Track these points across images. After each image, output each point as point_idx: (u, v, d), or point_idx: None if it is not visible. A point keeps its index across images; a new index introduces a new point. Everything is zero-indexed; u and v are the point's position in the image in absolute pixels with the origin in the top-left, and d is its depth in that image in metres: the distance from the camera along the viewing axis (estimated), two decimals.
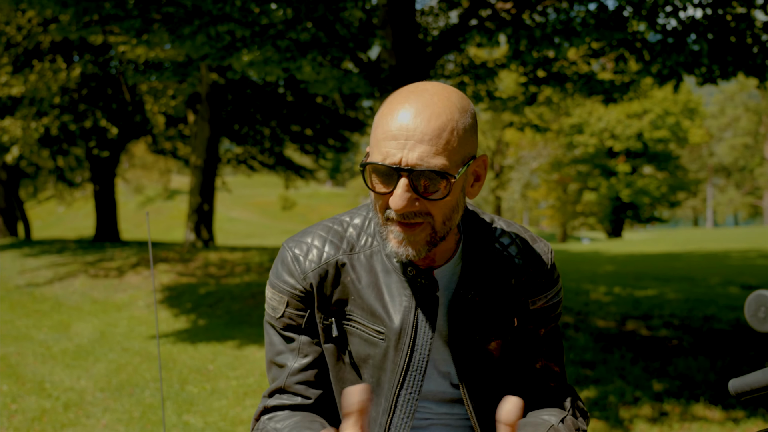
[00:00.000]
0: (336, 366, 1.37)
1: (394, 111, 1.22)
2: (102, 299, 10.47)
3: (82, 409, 5.09)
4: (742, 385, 1.40)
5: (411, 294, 1.32)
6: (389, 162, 1.18)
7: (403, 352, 1.31)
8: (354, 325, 1.34)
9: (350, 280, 1.34)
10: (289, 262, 1.36)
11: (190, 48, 8.53)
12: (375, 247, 1.36)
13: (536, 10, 8.67)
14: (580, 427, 1.35)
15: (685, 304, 8.81)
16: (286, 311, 1.35)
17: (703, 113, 40.84)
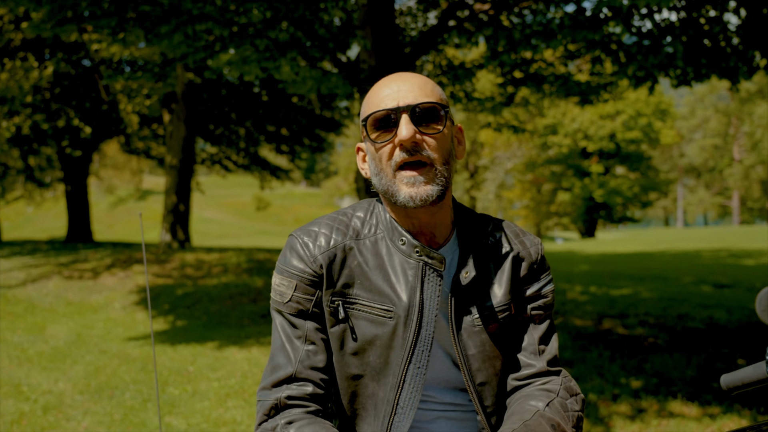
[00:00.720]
0: (340, 353, 1.40)
1: (383, 82, 1.40)
2: (77, 301, 10.34)
3: (61, 411, 5.04)
4: (734, 380, 1.44)
5: (416, 273, 1.38)
6: (389, 107, 1.34)
7: (411, 327, 1.36)
8: (359, 308, 1.39)
9: (357, 264, 1.39)
10: (299, 248, 1.41)
11: (167, 47, 8.46)
12: (379, 234, 1.43)
13: (513, 12, 8.75)
14: (570, 407, 1.39)
15: (660, 303, 8.94)
16: (294, 295, 1.39)
17: (674, 114, 41.45)
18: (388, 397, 1.37)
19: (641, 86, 8.05)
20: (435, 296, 1.38)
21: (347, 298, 1.39)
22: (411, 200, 1.33)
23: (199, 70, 14.09)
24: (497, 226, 1.51)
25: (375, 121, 1.35)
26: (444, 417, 1.44)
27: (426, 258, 1.38)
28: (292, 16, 7.49)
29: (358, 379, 1.40)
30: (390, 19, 8.69)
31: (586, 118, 38.11)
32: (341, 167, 58.66)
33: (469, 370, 1.41)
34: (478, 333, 1.41)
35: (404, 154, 1.33)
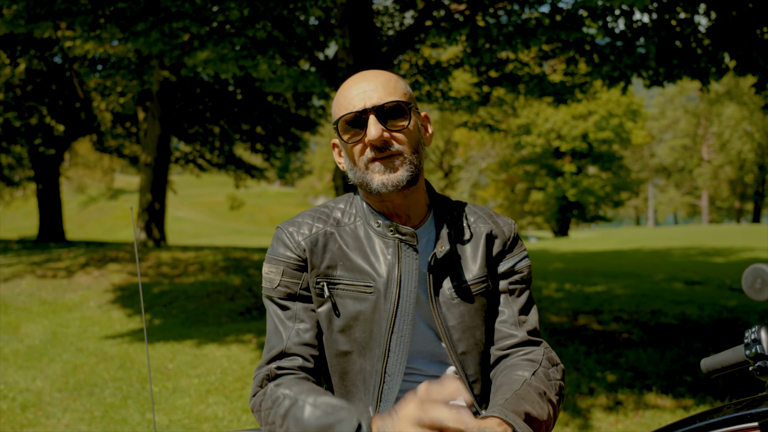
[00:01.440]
0: (328, 329, 1.48)
1: (349, 83, 1.47)
2: (51, 300, 10.23)
3: (40, 409, 5.01)
4: (713, 363, 1.52)
5: (393, 251, 1.47)
6: (357, 108, 1.42)
7: (391, 299, 1.44)
8: (342, 287, 1.48)
9: (338, 247, 1.49)
10: (284, 237, 1.51)
11: (143, 44, 8.42)
12: (358, 221, 1.53)
13: (488, 12, 8.85)
14: (553, 376, 1.46)
15: (633, 299, 9.10)
16: (282, 280, 1.48)
17: (644, 115, 42.02)
18: (375, 368, 1.45)
19: (615, 86, 8.18)
20: (412, 269, 1.47)
21: (331, 279, 1.48)
22: (383, 186, 1.43)
23: (174, 67, 14.00)
24: (471, 208, 1.62)
25: (345, 122, 1.44)
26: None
27: (399, 235, 1.47)
28: (271, 14, 7.50)
29: (347, 355, 1.47)
30: (368, 19, 8.73)
31: (559, 118, 38.48)
32: (316, 166, 58.56)
33: (451, 340, 1.49)
34: (457, 305, 1.49)
35: (374, 152, 1.42)
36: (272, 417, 1.37)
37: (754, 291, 0.90)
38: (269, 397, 1.40)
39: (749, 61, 7.06)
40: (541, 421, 1.36)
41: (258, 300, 9.33)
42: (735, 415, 1.17)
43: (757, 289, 0.89)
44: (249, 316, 8.58)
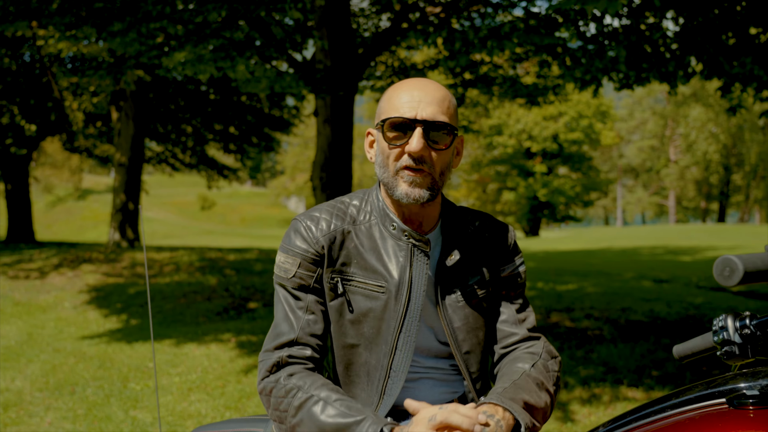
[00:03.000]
0: (338, 323, 1.57)
1: (403, 86, 1.53)
2: (25, 301, 10.16)
3: (23, 408, 5.03)
4: (684, 349, 1.66)
5: (405, 254, 1.56)
6: (408, 116, 1.48)
7: (402, 301, 1.54)
8: (356, 284, 1.56)
9: (354, 246, 1.57)
10: (303, 231, 1.58)
11: (119, 44, 8.42)
12: (373, 220, 1.61)
13: (463, 16, 9.00)
14: (551, 368, 1.59)
15: (603, 297, 9.32)
16: (298, 272, 1.56)
17: (613, 116, 42.65)
18: (381, 363, 1.54)
19: (586, 89, 8.38)
20: (423, 274, 1.56)
21: (345, 275, 1.56)
22: (406, 197, 1.51)
23: (148, 67, 13.95)
24: (476, 216, 1.71)
25: (392, 125, 1.51)
26: (426, 377, 1.61)
27: (414, 241, 1.56)
28: (250, 16, 7.56)
29: (353, 348, 1.57)
30: (345, 21, 8.83)
31: (530, 119, 38.89)
32: (288, 166, 58.33)
33: (456, 341, 1.59)
34: (462, 308, 1.60)
35: (410, 161, 1.50)
36: (284, 406, 1.47)
37: (723, 278, 1.03)
38: (282, 386, 1.49)
39: (715, 65, 7.30)
40: (539, 408, 1.48)
41: (235, 300, 9.37)
42: (704, 392, 1.30)
43: (726, 276, 1.02)
44: (226, 316, 8.62)
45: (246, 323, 8.04)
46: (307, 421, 1.43)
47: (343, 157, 9.17)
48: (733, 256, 1.01)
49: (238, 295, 9.56)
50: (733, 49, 6.93)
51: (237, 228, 50.23)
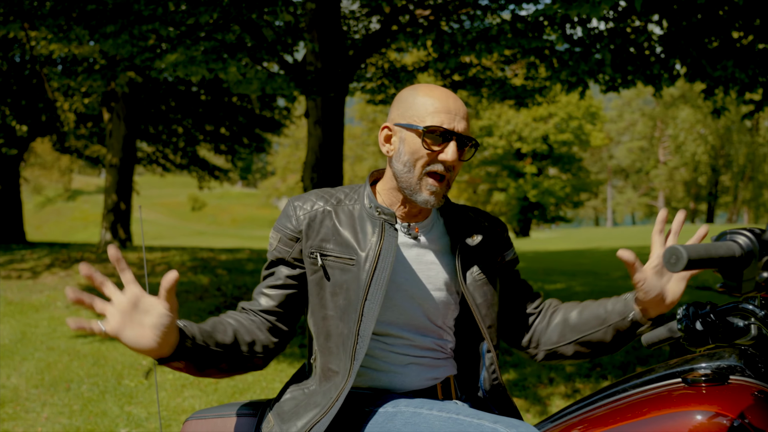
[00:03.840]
0: (318, 295, 1.70)
1: (437, 95, 1.69)
2: (17, 300, 10.21)
3: (19, 404, 5.11)
4: (652, 337, 1.78)
5: (378, 232, 1.69)
6: (448, 127, 1.64)
7: (368, 270, 1.65)
8: (332, 259, 1.69)
9: (333, 224, 1.71)
10: (290, 210, 1.74)
11: (111, 46, 8.51)
12: (356, 203, 1.75)
13: (452, 18, 9.14)
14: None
15: (591, 296, 9.47)
16: (278, 246, 1.73)
17: (603, 118, 42.93)
18: (351, 331, 1.65)
19: (573, 91, 8.52)
20: (392, 246, 1.67)
21: (323, 251, 1.70)
22: (427, 203, 1.67)
23: (141, 69, 14.03)
24: (469, 208, 1.87)
25: (432, 131, 1.64)
26: (415, 363, 1.71)
27: (383, 216, 1.70)
28: (242, 19, 7.66)
29: (331, 319, 1.68)
30: (336, 24, 8.94)
31: (520, 120, 39.11)
32: (278, 167, 58.34)
33: (480, 315, 1.73)
34: (481, 285, 1.74)
35: (440, 167, 1.65)
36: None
37: (670, 265, 1.15)
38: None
39: (698, 68, 7.46)
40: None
41: (227, 299, 9.46)
42: (664, 373, 1.42)
43: (673, 263, 1.14)
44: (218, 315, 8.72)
45: None
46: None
47: (333, 158, 9.29)
48: (679, 245, 1.13)
49: (230, 295, 9.65)
50: (716, 52, 7.09)
51: (228, 229, 50.22)
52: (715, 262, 1.17)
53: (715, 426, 1.26)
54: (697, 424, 1.27)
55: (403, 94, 1.74)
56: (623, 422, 1.35)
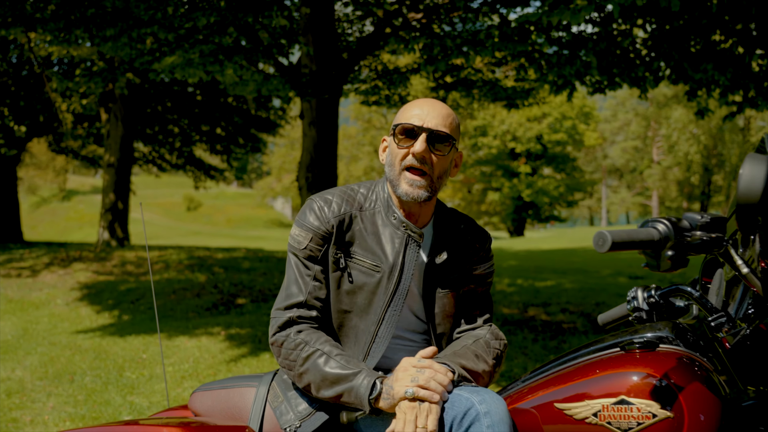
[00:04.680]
0: (336, 292, 1.88)
1: (416, 103, 1.88)
2: (17, 298, 10.41)
3: (25, 395, 5.32)
4: (606, 317, 2.02)
5: (401, 242, 1.88)
6: (417, 123, 1.82)
7: (393, 280, 1.86)
8: (356, 261, 1.87)
9: (359, 228, 1.88)
10: (316, 210, 1.88)
11: (111, 49, 8.70)
12: (377, 209, 1.92)
13: (444, 21, 9.36)
14: (492, 345, 1.91)
15: (580, 293, 9.71)
16: (309, 245, 1.87)
17: (596, 118, 43.21)
18: (369, 330, 1.86)
19: (561, 92, 8.74)
20: (413, 260, 1.88)
21: (347, 252, 1.88)
22: (406, 195, 1.84)
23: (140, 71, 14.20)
24: (462, 219, 2.03)
25: (402, 129, 1.84)
26: (404, 350, 1.94)
27: (410, 232, 1.89)
28: (238, 23, 7.87)
29: (347, 313, 1.89)
30: (330, 27, 9.17)
31: (514, 120, 39.34)
32: (274, 167, 58.40)
33: (433, 325, 1.93)
34: (442, 298, 1.93)
35: (414, 161, 1.83)
36: (293, 357, 1.81)
37: (598, 246, 1.37)
38: (292, 340, 1.82)
39: (681, 71, 7.69)
40: (476, 372, 1.82)
41: (224, 296, 9.67)
42: (607, 343, 1.65)
43: (600, 245, 1.36)
44: (216, 312, 8.92)
45: (235, 318, 8.35)
46: (313, 371, 1.77)
47: (328, 158, 9.51)
48: (605, 230, 1.36)
49: (226, 292, 9.86)
50: (697, 55, 7.32)
51: (223, 229, 50.30)
52: (636, 244, 1.39)
53: (645, 384, 1.49)
54: (630, 383, 1.50)
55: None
56: (571, 382, 1.58)
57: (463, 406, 1.60)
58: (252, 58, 8.63)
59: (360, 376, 1.73)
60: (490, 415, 1.56)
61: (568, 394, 1.56)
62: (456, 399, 1.64)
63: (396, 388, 1.68)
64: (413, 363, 1.71)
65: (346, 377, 1.74)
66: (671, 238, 1.41)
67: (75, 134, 18.21)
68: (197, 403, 2.05)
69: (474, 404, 1.59)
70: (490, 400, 1.59)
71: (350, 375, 1.74)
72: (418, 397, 1.64)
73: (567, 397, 1.56)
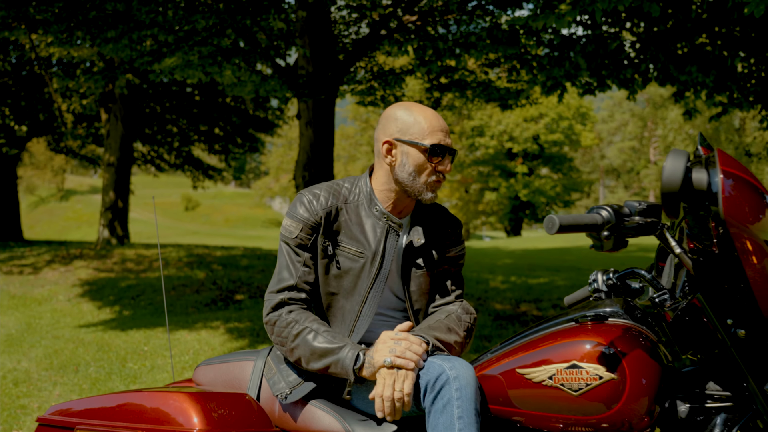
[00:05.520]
0: (324, 276, 2.10)
1: (427, 115, 2.10)
2: (20, 294, 10.61)
3: (32, 384, 5.53)
4: (571, 299, 2.22)
5: (382, 231, 2.10)
6: (444, 143, 2.07)
7: (376, 265, 2.08)
8: (342, 249, 2.09)
9: (344, 219, 2.10)
10: (306, 203, 2.10)
11: (111, 50, 8.92)
12: (360, 201, 2.13)
13: (439, 23, 9.58)
14: (463, 319, 2.13)
15: (572, 290, 9.91)
16: (299, 234, 2.08)
17: (593, 118, 43.42)
18: (354, 309, 2.09)
19: (552, 93, 8.96)
20: (393, 247, 2.11)
21: (335, 241, 2.10)
22: (430, 200, 2.10)
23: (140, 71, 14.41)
24: (436, 208, 2.26)
25: (436, 150, 2.06)
26: (385, 326, 2.15)
27: (390, 222, 2.11)
28: (237, 25, 8.09)
29: (334, 295, 2.11)
30: (326, 30, 9.38)
31: (511, 120, 39.57)
32: (272, 167, 58.56)
33: (410, 301, 2.15)
34: (418, 278, 2.15)
35: (441, 176, 2.08)
36: (285, 334, 2.02)
37: (548, 229, 1.58)
38: (284, 319, 2.03)
39: (668, 72, 7.91)
40: (449, 343, 2.04)
41: (222, 292, 9.87)
42: (565, 318, 1.87)
43: (549, 227, 1.58)
44: (215, 307, 9.13)
45: (233, 313, 8.56)
46: (303, 346, 1.99)
47: (324, 158, 9.73)
48: (554, 215, 1.57)
49: (225, 288, 10.07)
50: (683, 57, 7.54)
51: (221, 228, 50.46)
52: (581, 227, 1.61)
53: (594, 351, 1.70)
54: (581, 350, 1.72)
55: (398, 113, 2.11)
56: (531, 351, 1.80)
57: (435, 371, 1.82)
58: (250, 60, 8.84)
59: (345, 350, 1.94)
60: (459, 379, 1.77)
61: (528, 361, 1.78)
62: (430, 366, 1.85)
63: (376, 357, 1.90)
64: (391, 336, 1.93)
65: (332, 350, 1.95)
66: (612, 222, 1.63)
67: (75, 134, 18.41)
68: (200, 376, 2.26)
69: (445, 370, 1.80)
70: (459, 366, 1.81)
71: (336, 349, 1.95)
72: (395, 365, 1.86)
73: (527, 364, 1.78)
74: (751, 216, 1.53)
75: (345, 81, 11.00)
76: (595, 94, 8.88)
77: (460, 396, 1.76)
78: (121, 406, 2.05)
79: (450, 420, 1.75)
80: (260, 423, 2.00)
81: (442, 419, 1.77)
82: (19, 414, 4.80)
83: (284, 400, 2.04)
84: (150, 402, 2.01)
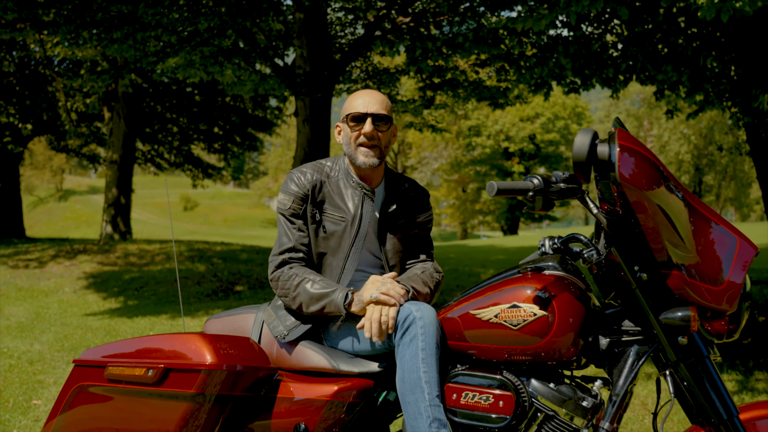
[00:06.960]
0: (315, 239, 2.52)
1: (358, 94, 2.52)
2: (27, 287, 11.00)
3: (46, 363, 5.92)
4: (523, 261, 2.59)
5: (359, 198, 2.51)
6: (362, 111, 2.45)
7: (355, 227, 2.50)
8: (327, 215, 2.51)
9: (327, 191, 2.52)
10: (295, 179, 2.51)
11: (116, 50, 9.31)
12: (340, 175, 2.56)
13: (431, 24, 9.97)
14: (434, 276, 2.55)
15: None
16: (292, 205, 2.50)
17: (589, 118, 43.89)
18: (339, 265, 2.50)
19: (539, 92, 9.34)
20: (369, 212, 2.51)
21: (320, 209, 2.51)
22: (363, 164, 2.48)
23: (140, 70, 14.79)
24: (406, 180, 2.67)
25: (352, 117, 2.47)
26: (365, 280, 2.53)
27: (365, 191, 2.52)
28: (238, 27, 8.48)
29: (323, 255, 2.52)
30: (323, 31, 9.78)
31: (507, 120, 40.00)
32: (270, 167, 58.89)
33: (387, 259, 2.56)
34: (392, 239, 2.56)
35: (364, 139, 2.46)
36: (287, 286, 2.43)
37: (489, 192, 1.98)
38: (286, 274, 2.44)
39: (647, 72, 8.29)
40: (423, 293, 2.44)
41: (223, 284, 10.26)
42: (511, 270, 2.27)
43: (490, 191, 1.97)
44: (216, 297, 9.52)
45: (234, 302, 8.95)
46: (302, 293, 2.40)
47: (321, 153, 10.12)
48: (495, 181, 1.97)
49: (225, 280, 10.46)
50: (660, 57, 7.93)
51: (220, 228, 50.77)
52: (516, 191, 2.01)
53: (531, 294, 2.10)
54: (521, 293, 2.12)
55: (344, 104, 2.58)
56: (482, 296, 2.19)
57: (405, 313, 2.22)
58: (250, 60, 9.24)
59: (337, 292, 2.36)
60: (423, 319, 2.17)
61: (480, 305, 2.18)
62: (402, 309, 2.25)
63: (364, 295, 2.31)
64: (379, 279, 2.33)
65: (327, 294, 2.37)
66: (541, 187, 2.02)
67: (78, 132, 18.79)
68: (210, 328, 2.67)
69: (412, 311, 2.20)
70: (424, 309, 2.21)
71: (330, 292, 2.37)
72: (380, 301, 2.26)
73: (479, 307, 2.17)
74: (644, 180, 1.93)
75: (341, 80, 11.40)
76: (579, 92, 9.25)
77: (425, 332, 2.16)
78: (145, 347, 2.45)
79: (415, 351, 2.15)
80: (261, 360, 2.40)
81: (408, 350, 2.16)
82: (37, 387, 5.19)
83: (283, 339, 2.45)
84: (169, 344, 2.41)
